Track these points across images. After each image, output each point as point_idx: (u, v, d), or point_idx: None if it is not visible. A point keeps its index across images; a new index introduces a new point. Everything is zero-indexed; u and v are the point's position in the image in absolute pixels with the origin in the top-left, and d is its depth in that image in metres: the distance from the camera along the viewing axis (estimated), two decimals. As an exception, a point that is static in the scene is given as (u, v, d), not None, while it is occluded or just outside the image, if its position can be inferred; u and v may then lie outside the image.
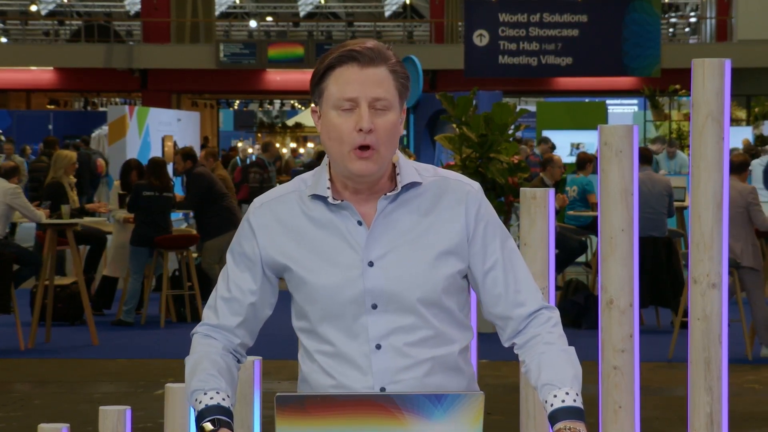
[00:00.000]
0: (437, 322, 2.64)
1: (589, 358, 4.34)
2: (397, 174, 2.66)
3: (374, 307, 2.61)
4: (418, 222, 2.65)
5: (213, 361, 2.67)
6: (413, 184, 2.66)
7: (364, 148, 2.57)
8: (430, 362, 2.63)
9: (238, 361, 2.75)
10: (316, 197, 2.66)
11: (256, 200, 2.74)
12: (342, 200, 2.64)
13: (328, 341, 2.64)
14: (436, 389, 2.62)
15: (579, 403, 2.57)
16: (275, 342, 7.59)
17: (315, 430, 2.29)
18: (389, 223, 2.64)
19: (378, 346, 2.61)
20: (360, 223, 2.63)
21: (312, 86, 2.64)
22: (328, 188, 2.65)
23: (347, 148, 2.58)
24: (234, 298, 2.73)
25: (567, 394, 2.56)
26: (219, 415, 2.56)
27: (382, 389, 2.60)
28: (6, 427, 7.40)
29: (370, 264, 2.62)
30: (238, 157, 22.39)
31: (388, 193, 2.64)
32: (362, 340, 2.61)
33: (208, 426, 2.54)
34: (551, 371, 2.60)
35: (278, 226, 2.68)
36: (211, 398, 2.59)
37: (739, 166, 9.40)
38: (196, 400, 2.60)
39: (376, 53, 2.59)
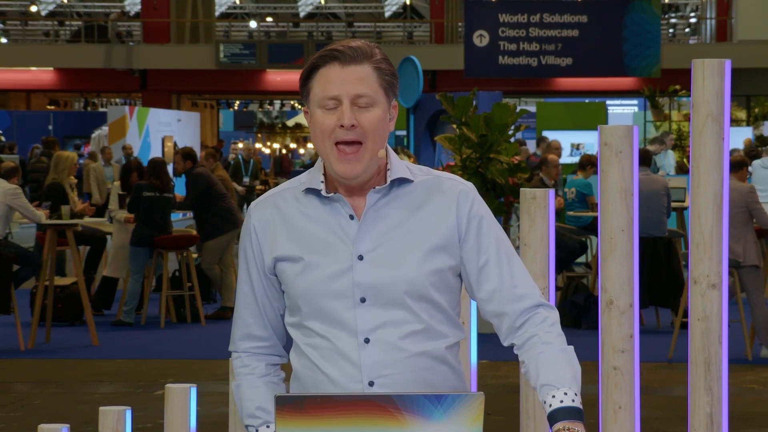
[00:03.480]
0: (427, 317, 2.65)
1: (589, 359, 4.34)
2: (388, 169, 2.68)
3: (363, 300, 2.63)
4: (409, 217, 2.67)
5: (256, 394, 2.76)
6: (404, 181, 2.69)
7: (347, 144, 2.60)
8: (419, 356, 2.63)
9: (280, 362, 2.82)
10: (310, 192, 2.69)
11: (254, 201, 2.79)
12: (334, 193, 2.67)
13: (317, 335, 2.66)
14: (425, 384, 2.63)
15: (578, 403, 2.57)
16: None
17: (314, 430, 2.28)
18: (379, 217, 2.66)
19: (366, 340, 2.62)
20: (352, 217, 2.66)
21: (300, 88, 2.69)
22: (322, 182, 2.68)
23: (329, 143, 2.62)
24: (248, 303, 2.78)
25: (566, 394, 2.57)
26: None
27: (371, 383, 2.61)
28: (6, 427, 7.40)
29: (360, 257, 2.64)
30: (240, 155, 22.28)
31: (378, 187, 2.66)
32: (351, 334, 2.63)
33: None
34: (550, 372, 2.61)
35: (277, 218, 2.71)
36: None
37: (735, 165, 9.40)
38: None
39: (359, 51, 2.63)
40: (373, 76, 2.63)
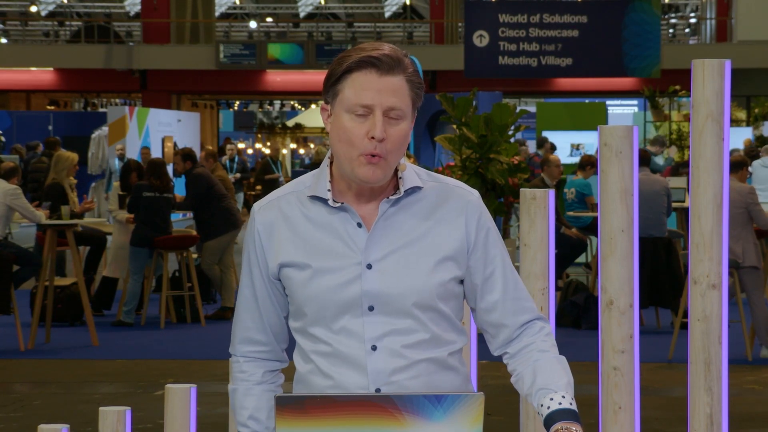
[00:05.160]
0: (433, 326, 2.65)
1: (588, 359, 4.34)
2: (400, 178, 2.66)
3: (371, 309, 2.62)
4: (418, 226, 2.66)
5: (249, 402, 2.76)
6: (414, 189, 2.67)
7: (373, 155, 2.58)
8: (426, 363, 2.63)
9: (279, 367, 2.81)
10: (316, 199, 2.66)
11: (257, 203, 2.74)
12: (342, 203, 2.64)
13: (324, 341, 2.65)
14: (431, 389, 2.63)
15: (575, 407, 2.58)
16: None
17: (314, 430, 2.29)
18: (389, 225, 2.64)
19: (374, 347, 2.61)
20: (359, 225, 2.64)
21: (326, 86, 2.64)
22: (329, 190, 2.65)
23: (356, 153, 2.58)
24: (249, 306, 2.75)
25: (563, 397, 2.58)
26: None
27: (378, 390, 2.60)
28: (6, 428, 7.40)
29: (369, 266, 2.62)
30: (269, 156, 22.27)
31: (391, 197, 2.65)
32: (358, 341, 2.62)
33: None
34: (547, 376, 2.62)
35: (282, 223, 2.68)
36: None
37: (735, 165, 9.39)
38: None
39: (395, 61, 2.59)
40: (405, 88, 2.60)
